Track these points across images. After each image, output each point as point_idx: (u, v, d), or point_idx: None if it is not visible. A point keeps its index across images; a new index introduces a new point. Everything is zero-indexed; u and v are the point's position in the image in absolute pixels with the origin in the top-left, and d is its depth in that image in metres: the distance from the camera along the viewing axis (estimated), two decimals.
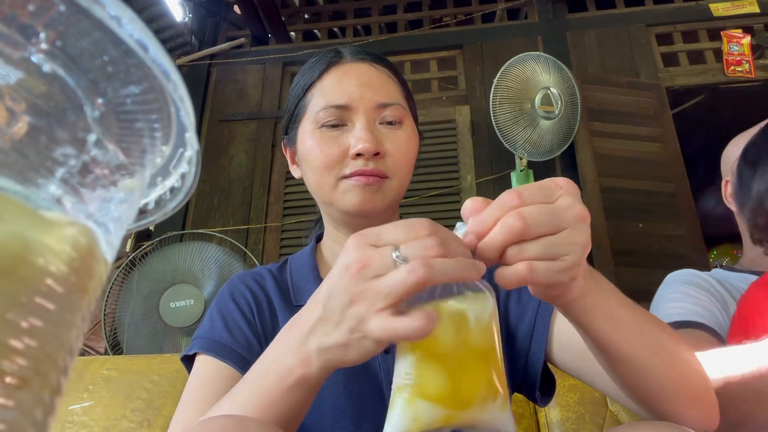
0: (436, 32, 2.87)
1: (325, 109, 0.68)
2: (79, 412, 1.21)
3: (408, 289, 0.38)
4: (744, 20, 2.66)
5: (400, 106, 0.71)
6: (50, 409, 0.16)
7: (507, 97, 2.21)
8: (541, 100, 2.18)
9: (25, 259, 0.15)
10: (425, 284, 0.38)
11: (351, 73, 0.71)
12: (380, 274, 0.39)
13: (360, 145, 0.66)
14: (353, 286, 0.40)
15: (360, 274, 0.40)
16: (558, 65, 2.24)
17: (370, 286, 0.39)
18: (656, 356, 0.49)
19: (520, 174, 2.35)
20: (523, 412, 1.13)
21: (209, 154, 2.69)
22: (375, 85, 0.70)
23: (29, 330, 0.15)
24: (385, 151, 0.68)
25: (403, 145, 0.70)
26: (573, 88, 2.22)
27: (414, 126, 0.75)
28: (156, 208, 0.22)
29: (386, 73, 0.73)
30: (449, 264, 0.38)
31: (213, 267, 2.15)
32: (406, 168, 0.71)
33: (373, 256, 0.40)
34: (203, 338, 0.67)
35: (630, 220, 2.21)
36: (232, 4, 3.09)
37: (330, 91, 0.70)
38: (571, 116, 2.22)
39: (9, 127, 0.16)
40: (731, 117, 3.44)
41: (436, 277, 0.37)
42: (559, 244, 0.40)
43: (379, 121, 0.70)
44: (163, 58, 0.16)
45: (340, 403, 0.62)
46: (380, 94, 0.70)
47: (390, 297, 0.38)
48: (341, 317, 0.41)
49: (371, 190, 0.67)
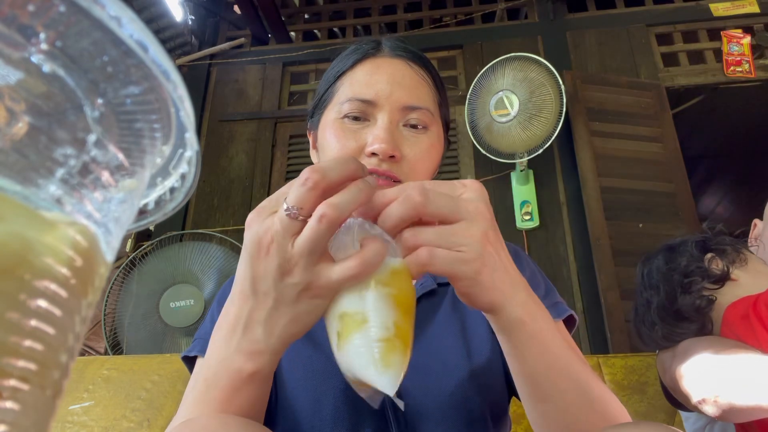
0: (436, 32, 2.87)
1: (350, 101, 0.66)
2: (79, 412, 1.21)
3: (325, 235, 0.38)
4: (744, 20, 2.66)
5: (429, 111, 0.67)
6: (51, 409, 0.16)
7: (476, 108, 2.34)
8: (495, 105, 2.24)
9: (25, 259, 0.15)
10: (336, 223, 0.38)
11: (384, 68, 0.68)
12: (290, 235, 0.39)
13: (376, 145, 0.62)
14: (273, 260, 0.39)
15: (273, 248, 0.39)
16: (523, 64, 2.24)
17: (290, 252, 0.39)
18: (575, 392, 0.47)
19: (520, 174, 2.35)
20: (523, 413, 1.13)
21: (209, 154, 2.69)
22: (406, 85, 0.67)
23: (29, 330, 0.15)
24: (403, 155, 0.64)
25: (423, 151, 0.66)
26: (547, 84, 2.20)
27: (441, 134, 0.71)
28: (156, 208, 0.22)
29: (421, 74, 0.69)
30: (345, 195, 0.38)
31: (213, 267, 2.15)
32: (423, 175, 0.66)
33: (272, 224, 0.40)
34: (203, 340, 0.67)
35: (630, 220, 2.21)
36: (232, 4, 3.09)
37: (359, 83, 0.67)
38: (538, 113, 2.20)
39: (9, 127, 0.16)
40: (731, 117, 3.45)
41: (341, 212, 0.38)
42: (456, 233, 0.41)
43: (403, 122, 0.66)
44: (163, 59, 0.16)
45: (340, 409, 0.62)
46: (409, 96, 0.66)
47: (315, 250, 0.38)
48: (280, 292, 0.40)
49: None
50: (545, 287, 0.71)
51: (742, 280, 0.96)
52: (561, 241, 2.32)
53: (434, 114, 0.69)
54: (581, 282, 2.21)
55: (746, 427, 0.92)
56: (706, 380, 0.83)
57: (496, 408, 0.65)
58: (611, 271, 2.10)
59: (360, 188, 0.39)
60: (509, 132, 2.22)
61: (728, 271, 0.96)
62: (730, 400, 0.78)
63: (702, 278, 0.96)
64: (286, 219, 0.38)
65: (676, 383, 0.90)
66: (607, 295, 2.05)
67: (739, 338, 0.88)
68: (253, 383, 0.43)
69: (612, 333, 2.00)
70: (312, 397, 0.62)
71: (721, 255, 1.00)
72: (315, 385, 0.62)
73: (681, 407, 1.01)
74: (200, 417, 0.43)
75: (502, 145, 2.27)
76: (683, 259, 1.00)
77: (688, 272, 0.97)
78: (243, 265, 0.42)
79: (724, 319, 0.92)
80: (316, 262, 0.39)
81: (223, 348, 0.44)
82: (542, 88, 2.19)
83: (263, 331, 0.41)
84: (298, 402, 0.62)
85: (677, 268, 0.99)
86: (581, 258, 2.25)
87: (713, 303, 0.94)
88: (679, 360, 0.91)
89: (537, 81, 2.20)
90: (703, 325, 0.95)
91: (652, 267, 1.06)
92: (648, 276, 1.05)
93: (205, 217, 2.57)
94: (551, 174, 2.44)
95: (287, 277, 0.39)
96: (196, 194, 2.61)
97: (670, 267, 1.01)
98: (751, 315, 0.87)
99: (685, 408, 0.98)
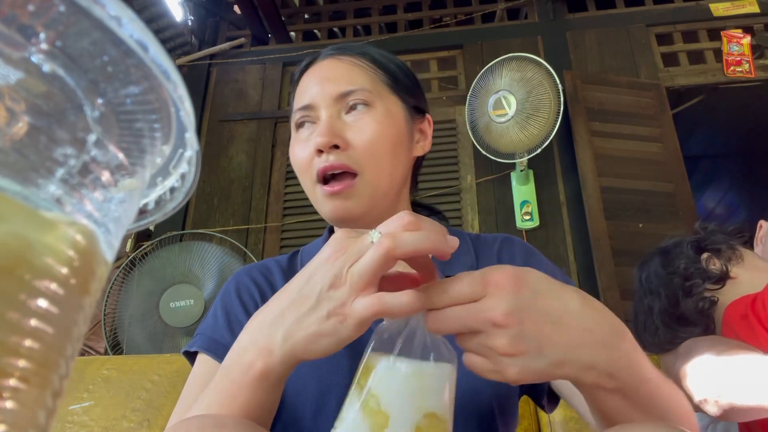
0: (436, 32, 2.87)
1: (295, 113, 0.69)
2: (79, 412, 1.21)
3: (378, 264, 0.38)
4: (744, 20, 2.66)
5: (365, 90, 0.66)
6: (51, 410, 0.16)
7: (475, 109, 2.34)
8: (493, 106, 2.24)
9: (25, 258, 0.15)
10: (393, 256, 0.38)
11: (315, 72, 0.69)
12: (358, 258, 0.40)
13: (317, 139, 0.62)
14: (333, 269, 0.40)
15: (339, 260, 0.40)
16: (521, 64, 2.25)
17: (350, 270, 0.40)
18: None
19: (520, 174, 2.35)
20: (523, 413, 1.13)
21: (209, 154, 2.69)
22: (334, 77, 0.67)
23: (29, 330, 0.15)
24: (348, 142, 0.63)
25: (367, 130, 0.64)
26: (544, 83, 2.20)
27: (393, 109, 0.68)
28: (156, 208, 0.22)
29: (350, 61, 0.69)
30: (415, 235, 0.39)
31: (213, 267, 2.15)
32: (380, 155, 0.64)
33: (353, 243, 0.41)
34: (204, 336, 0.67)
35: (630, 220, 2.21)
36: (232, 4, 3.09)
37: (299, 94, 0.69)
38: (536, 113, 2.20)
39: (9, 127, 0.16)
40: (731, 117, 3.45)
41: (400, 247, 0.38)
42: (483, 344, 0.39)
43: (345, 111, 0.66)
44: (163, 58, 0.16)
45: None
46: (339, 84, 0.66)
47: (364, 275, 0.39)
48: (319, 300, 0.40)
49: (341, 197, 0.63)
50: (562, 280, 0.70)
51: (741, 277, 0.96)
52: (561, 241, 2.32)
53: (375, 91, 0.67)
54: (581, 282, 2.21)
55: (749, 425, 0.92)
56: (708, 380, 0.83)
57: (506, 403, 0.64)
58: (611, 271, 2.10)
59: (427, 236, 0.39)
60: (507, 132, 2.22)
61: (727, 270, 0.96)
62: (731, 400, 0.78)
63: (703, 280, 0.96)
64: (367, 243, 0.40)
65: (678, 383, 0.90)
66: (607, 295, 2.05)
67: (740, 338, 0.88)
68: (261, 384, 0.43)
69: None
70: (316, 393, 0.61)
71: (717, 254, 0.99)
72: (319, 381, 0.62)
73: None
74: (196, 416, 0.43)
75: (501, 145, 2.27)
76: (681, 262, 1.00)
77: (688, 275, 0.97)
78: (307, 267, 0.43)
79: (724, 319, 0.92)
80: (361, 288, 0.39)
81: (245, 336, 0.45)
82: (540, 88, 2.19)
83: (283, 332, 0.42)
84: (301, 397, 0.61)
85: (677, 272, 0.99)
86: (581, 258, 2.25)
87: (716, 304, 0.94)
88: (681, 360, 0.91)
89: (535, 80, 2.20)
90: (706, 326, 0.95)
91: (650, 272, 1.05)
92: (647, 281, 1.05)
93: (205, 217, 2.57)
94: (551, 174, 2.44)
95: (332, 289, 0.40)
96: (196, 194, 2.60)
97: (669, 271, 1.01)
98: (750, 315, 0.87)
99: None
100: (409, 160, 0.71)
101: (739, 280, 0.95)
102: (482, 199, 2.43)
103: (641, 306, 1.05)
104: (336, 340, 0.40)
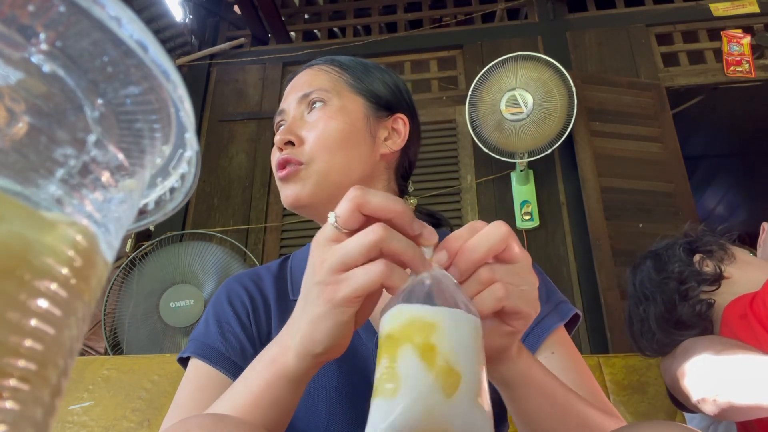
0: (436, 32, 2.87)
1: (274, 119, 0.77)
2: (79, 412, 1.21)
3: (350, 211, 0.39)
4: (744, 20, 2.66)
5: (322, 89, 0.72)
6: (51, 410, 0.16)
7: (480, 106, 2.31)
8: (506, 103, 2.21)
9: (25, 259, 0.15)
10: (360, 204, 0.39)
11: (292, 82, 0.77)
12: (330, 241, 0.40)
13: (275, 139, 0.70)
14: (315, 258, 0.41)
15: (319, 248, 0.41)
16: (536, 64, 2.23)
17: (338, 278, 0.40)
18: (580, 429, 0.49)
19: (520, 174, 2.35)
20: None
21: (209, 154, 2.69)
22: (300, 83, 0.74)
23: (29, 330, 0.15)
24: (302, 138, 0.69)
25: (319, 124, 0.69)
26: (560, 85, 2.20)
27: (350, 106, 0.72)
28: (156, 208, 0.22)
29: (318, 68, 0.76)
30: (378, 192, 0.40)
31: (213, 267, 2.15)
32: (329, 146, 0.68)
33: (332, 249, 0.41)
34: (197, 342, 0.67)
35: (630, 220, 2.21)
36: (232, 4, 3.09)
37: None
38: (553, 113, 2.20)
39: (9, 127, 0.16)
40: (731, 117, 3.44)
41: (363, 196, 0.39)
42: (518, 274, 0.41)
43: (307, 111, 0.72)
44: (163, 59, 0.16)
45: (333, 406, 0.62)
46: (301, 87, 0.73)
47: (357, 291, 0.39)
48: (311, 288, 0.41)
49: (290, 183, 0.69)
50: (546, 290, 0.70)
51: (735, 276, 0.96)
52: (561, 241, 2.32)
53: (333, 90, 0.72)
54: (581, 282, 2.21)
55: (747, 426, 0.92)
56: (706, 380, 0.83)
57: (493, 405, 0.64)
58: (611, 271, 2.10)
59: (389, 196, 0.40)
60: (522, 130, 2.21)
61: (721, 271, 0.96)
62: (729, 400, 0.78)
63: (698, 283, 0.96)
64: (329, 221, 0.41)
65: (676, 383, 0.90)
66: (607, 295, 2.05)
67: (739, 338, 0.88)
68: (280, 381, 0.44)
69: (612, 333, 2.00)
70: (305, 393, 0.61)
71: (710, 255, 0.99)
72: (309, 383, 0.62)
73: (683, 408, 1.01)
74: (197, 415, 0.43)
75: (512, 143, 2.24)
76: (674, 266, 0.99)
77: (683, 279, 0.97)
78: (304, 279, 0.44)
79: (723, 319, 0.92)
80: (341, 270, 0.39)
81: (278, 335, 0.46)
82: (557, 89, 2.20)
83: (296, 327, 0.43)
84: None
85: (671, 276, 0.99)
86: (581, 258, 2.25)
87: (713, 306, 0.94)
88: (679, 360, 0.91)
89: (552, 81, 2.21)
90: (704, 328, 0.94)
91: (643, 276, 1.05)
92: (641, 286, 1.04)
93: (205, 217, 2.57)
94: (551, 174, 2.44)
95: (319, 273, 0.40)
96: (196, 194, 2.60)
97: (663, 276, 1.00)
98: (749, 314, 0.87)
99: (687, 409, 0.98)
100: (373, 156, 0.72)
101: (734, 279, 0.95)
102: (482, 199, 2.43)
103: (636, 312, 1.05)
104: (333, 322, 0.39)
